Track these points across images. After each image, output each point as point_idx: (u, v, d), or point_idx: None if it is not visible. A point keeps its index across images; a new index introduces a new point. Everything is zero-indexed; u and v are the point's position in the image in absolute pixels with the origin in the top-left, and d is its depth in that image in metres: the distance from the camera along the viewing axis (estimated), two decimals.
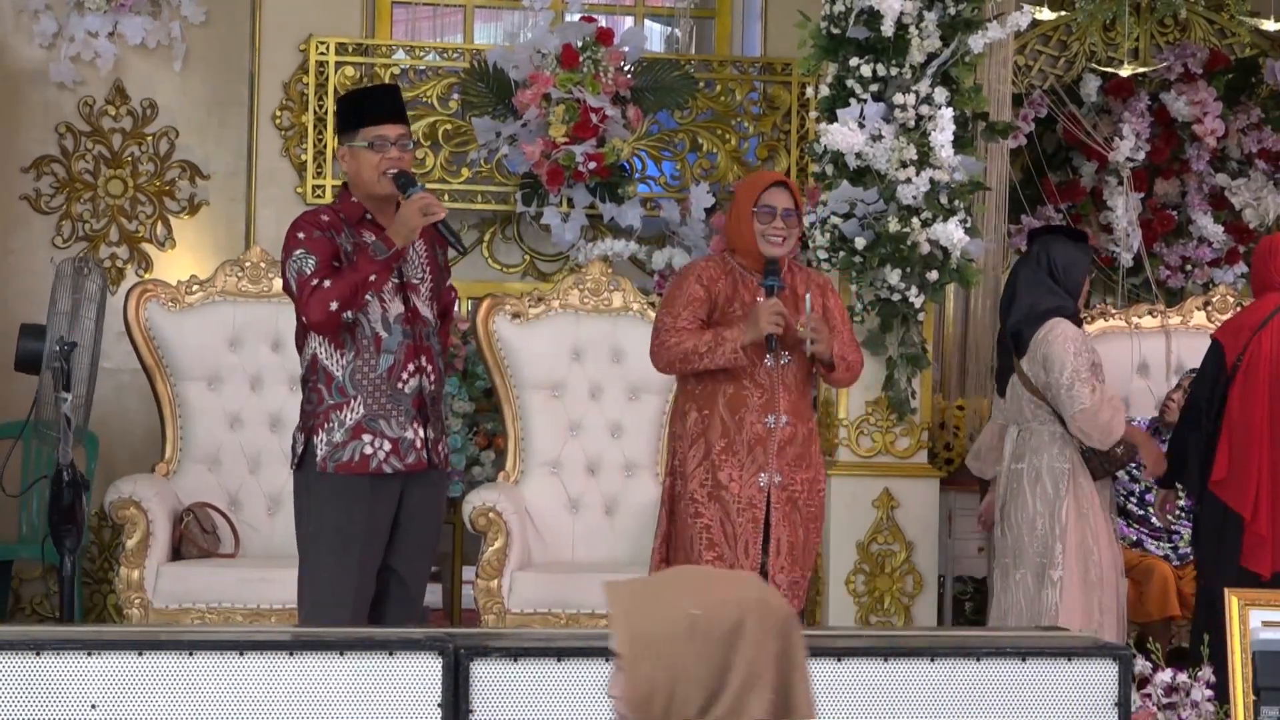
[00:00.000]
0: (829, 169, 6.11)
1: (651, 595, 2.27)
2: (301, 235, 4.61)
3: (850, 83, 6.05)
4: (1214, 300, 7.07)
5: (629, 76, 7.28)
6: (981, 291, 7.13)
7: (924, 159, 5.95)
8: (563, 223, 7.23)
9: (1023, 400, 5.64)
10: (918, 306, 6.09)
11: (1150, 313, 7.07)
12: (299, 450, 4.65)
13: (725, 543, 4.94)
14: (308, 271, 4.56)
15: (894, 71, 6.02)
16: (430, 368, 4.70)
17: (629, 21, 8.11)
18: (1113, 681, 3.68)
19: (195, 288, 6.47)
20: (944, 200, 6.00)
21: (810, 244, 6.13)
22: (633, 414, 6.52)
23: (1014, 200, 7.49)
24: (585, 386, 6.53)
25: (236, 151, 7.53)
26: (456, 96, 7.47)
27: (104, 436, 7.02)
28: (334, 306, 4.53)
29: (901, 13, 5.96)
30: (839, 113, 6.05)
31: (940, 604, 6.67)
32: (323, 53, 7.38)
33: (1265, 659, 4.16)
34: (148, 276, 7.31)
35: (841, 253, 6.07)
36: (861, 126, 6.00)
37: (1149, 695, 4.45)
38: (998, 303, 6.62)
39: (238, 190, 7.53)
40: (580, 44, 7.16)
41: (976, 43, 6.05)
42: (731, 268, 5.07)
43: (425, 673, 3.48)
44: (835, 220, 6.07)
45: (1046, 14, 6.81)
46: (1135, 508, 6.61)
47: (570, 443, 6.51)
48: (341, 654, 3.49)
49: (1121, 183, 7.74)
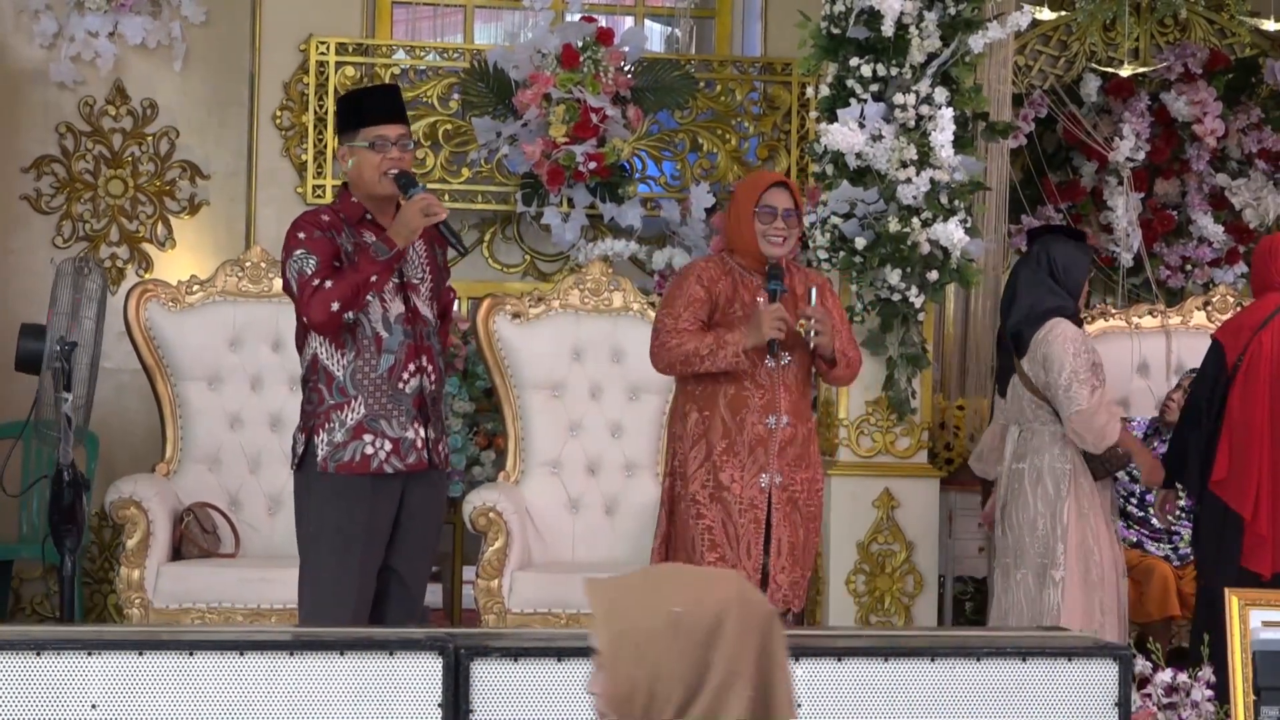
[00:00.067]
0: (829, 169, 6.11)
1: (632, 593, 2.26)
2: (302, 235, 4.61)
3: (850, 83, 6.05)
4: (1214, 300, 7.06)
5: (629, 76, 7.28)
6: (981, 291, 7.13)
7: (924, 159, 5.94)
8: (563, 223, 7.23)
9: (1024, 400, 5.64)
10: (918, 306, 6.09)
11: (1150, 313, 7.07)
12: (299, 450, 4.65)
13: (727, 544, 4.94)
14: (309, 272, 4.55)
15: (894, 71, 6.02)
16: (431, 367, 4.70)
17: (629, 21, 8.10)
18: (1113, 681, 3.68)
19: (195, 288, 6.47)
20: (944, 200, 6.00)
21: (810, 244, 6.13)
22: (633, 414, 6.52)
23: (1014, 200, 7.49)
24: (585, 386, 6.53)
25: (237, 151, 7.52)
26: (456, 96, 7.46)
27: (104, 436, 7.02)
28: (335, 307, 4.53)
29: (901, 13, 5.95)
30: (839, 113, 6.05)
31: (940, 604, 6.66)
32: (323, 53, 7.38)
33: (1265, 659, 4.16)
34: (148, 276, 7.30)
35: (842, 253, 6.07)
36: (862, 126, 5.99)
37: (1149, 695, 4.45)
38: (998, 303, 6.62)
39: (238, 190, 7.52)
40: (580, 44, 7.16)
41: (976, 43, 6.04)
42: (731, 268, 5.07)
43: (425, 673, 3.48)
44: (835, 220, 6.07)
45: (1046, 14, 6.80)
46: (1135, 509, 6.61)
47: (570, 443, 6.50)
48: (342, 654, 3.50)
49: (1121, 183, 7.73)
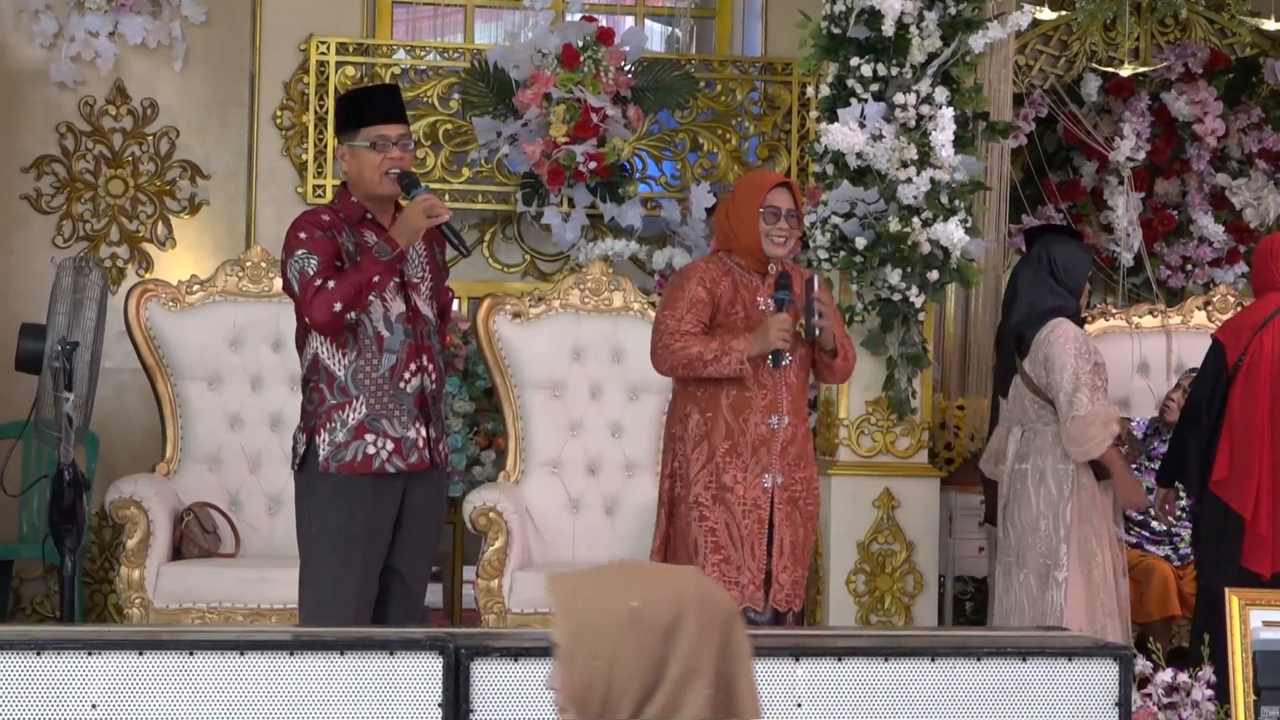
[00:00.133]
0: (829, 169, 6.11)
1: (592, 587, 2.26)
2: (303, 235, 4.60)
3: (851, 82, 6.04)
4: (1214, 300, 7.06)
5: (629, 76, 7.28)
6: (982, 291, 7.13)
7: (924, 159, 5.94)
8: (563, 222, 7.22)
9: (1025, 401, 5.63)
10: (918, 306, 6.09)
11: (1151, 312, 7.07)
12: (300, 450, 4.64)
13: (731, 545, 4.94)
14: (310, 272, 4.54)
15: (894, 71, 6.02)
16: (431, 367, 4.70)
17: (629, 21, 8.10)
18: (1113, 681, 3.68)
19: (196, 287, 6.47)
20: (944, 200, 6.00)
21: (811, 244, 6.13)
22: (633, 414, 6.52)
23: (1014, 200, 7.49)
24: (585, 386, 6.52)
25: (237, 151, 7.52)
26: (457, 96, 7.46)
27: (104, 436, 7.02)
28: (338, 307, 4.52)
29: (902, 12, 5.95)
30: (839, 112, 6.05)
31: (941, 604, 6.66)
32: (323, 52, 7.38)
33: (1265, 659, 4.16)
34: (148, 276, 7.30)
35: (842, 253, 6.07)
36: (862, 126, 5.99)
37: (1149, 695, 4.45)
38: (998, 303, 6.62)
39: (238, 190, 7.52)
40: (581, 44, 7.16)
41: (977, 42, 6.04)
42: (731, 268, 5.07)
43: (426, 672, 3.48)
44: (836, 220, 6.06)
45: (1047, 14, 6.81)
46: (1135, 512, 6.59)
47: (570, 442, 6.50)
48: (342, 654, 3.49)
49: (1122, 182, 7.73)
